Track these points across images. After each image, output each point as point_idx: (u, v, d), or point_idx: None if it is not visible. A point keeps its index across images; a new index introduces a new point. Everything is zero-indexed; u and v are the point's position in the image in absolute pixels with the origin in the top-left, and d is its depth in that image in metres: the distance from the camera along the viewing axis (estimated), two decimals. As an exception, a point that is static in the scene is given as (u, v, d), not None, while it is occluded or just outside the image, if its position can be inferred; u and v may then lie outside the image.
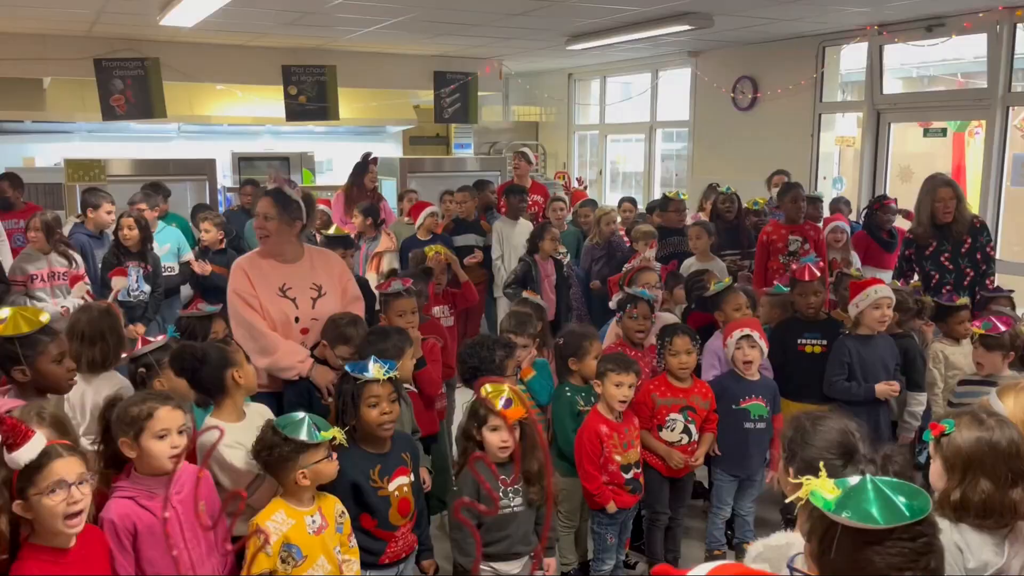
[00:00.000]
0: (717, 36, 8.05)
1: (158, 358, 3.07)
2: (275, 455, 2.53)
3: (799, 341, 4.36)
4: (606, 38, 7.79)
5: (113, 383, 3.21)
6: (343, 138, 11.85)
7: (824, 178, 8.32)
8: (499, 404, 2.88)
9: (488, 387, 2.97)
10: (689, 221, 6.61)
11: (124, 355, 3.34)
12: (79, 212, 6.22)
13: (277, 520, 2.51)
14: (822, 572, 1.54)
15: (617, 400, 3.47)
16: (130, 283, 5.25)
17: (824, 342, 4.27)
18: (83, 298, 4.86)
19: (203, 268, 5.69)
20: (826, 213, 6.84)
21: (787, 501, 1.77)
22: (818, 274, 4.38)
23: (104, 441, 2.51)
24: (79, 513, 2.11)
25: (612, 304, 4.73)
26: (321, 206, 6.57)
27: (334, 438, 2.61)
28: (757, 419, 3.92)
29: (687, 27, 6.91)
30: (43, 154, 10.07)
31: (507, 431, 2.92)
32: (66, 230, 6.03)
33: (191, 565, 2.46)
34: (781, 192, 6.07)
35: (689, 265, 5.77)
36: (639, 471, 3.61)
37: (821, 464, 1.69)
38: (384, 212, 6.90)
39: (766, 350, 3.97)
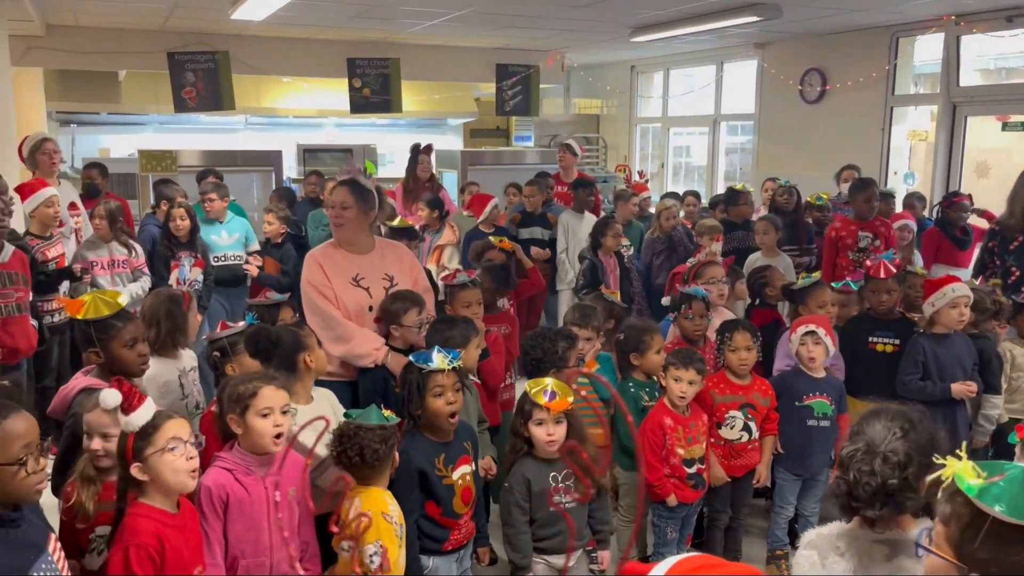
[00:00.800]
0: (785, 27, 7.88)
1: (232, 343, 3.14)
2: (388, 446, 2.57)
3: (871, 339, 4.25)
4: (671, 30, 7.69)
5: (165, 368, 3.29)
6: (405, 130, 11.97)
7: (895, 173, 8.09)
8: (543, 398, 2.89)
9: (529, 383, 2.98)
10: (754, 216, 6.51)
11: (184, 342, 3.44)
12: (153, 204, 6.40)
13: (394, 503, 2.58)
14: (960, 558, 1.48)
15: (676, 395, 3.44)
16: (183, 274, 5.38)
17: (897, 341, 4.16)
18: (170, 284, 5.00)
19: (252, 269, 5.80)
20: (898, 209, 6.66)
21: (926, 483, 1.70)
22: (894, 271, 4.28)
23: (223, 413, 2.59)
24: (195, 469, 2.23)
25: (666, 300, 4.70)
26: (388, 199, 6.68)
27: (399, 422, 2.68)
28: (821, 417, 3.84)
29: (755, 18, 6.79)
30: (118, 145, 10.41)
31: (552, 424, 2.92)
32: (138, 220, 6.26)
33: (270, 547, 2.52)
34: (853, 188, 5.92)
35: (754, 260, 5.68)
36: (703, 467, 3.57)
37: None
38: (446, 203, 6.93)
39: (832, 348, 3.88)
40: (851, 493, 1.91)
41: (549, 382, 2.93)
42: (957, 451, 1.61)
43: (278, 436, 2.49)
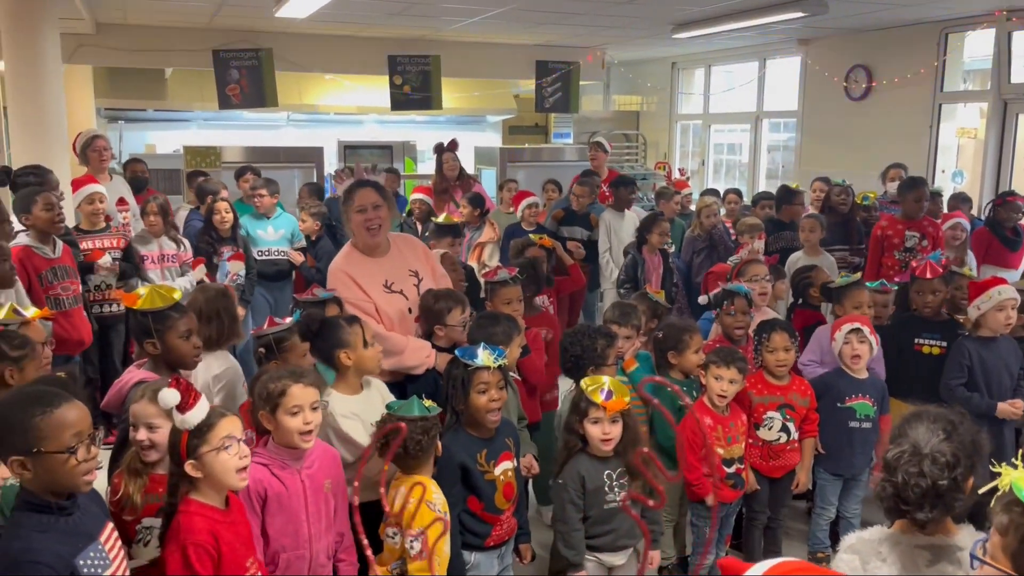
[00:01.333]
0: (830, 23, 7.77)
1: (278, 339, 3.18)
2: (430, 438, 2.60)
3: (916, 341, 4.18)
4: (713, 26, 7.62)
5: (223, 362, 3.35)
6: (444, 127, 12.03)
7: (943, 172, 7.93)
8: (599, 396, 2.89)
9: (587, 380, 2.98)
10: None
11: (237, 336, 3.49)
12: (194, 199, 6.50)
13: (439, 492, 2.60)
14: (1017, 570, 1.46)
15: (715, 394, 3.42)
16: (224, 269, 5.47)
17: (943, 343, 4.08)
18: (202, 280, 5.09)
19: (296, 256, 5.88)
20: (945, 209, 6.53)
21: (981, 492, 1.68)
22: (940, 271, 4.20)
23: (255, 409, 2.62)
24: (247, 467, 2.26)
25: (702, 299, 4.66)
26: (421, 195, 6.71)
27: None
28: (863, 419, 3.78)
29: (800, 14, 6.70)
30: (163, 141, 10.61)
31: (608, 423, 2.91)
32: (181, 215, 6.36)
33: (309, 538, 2.55)
34: (903, 187, 5.81)
35: (795, 260, 5.61)
36: (742, 467, 3.54)
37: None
38: (486, 201, 6.94)
39: (876, 347, 3.83)
40: (899, 496, 1.89)
41: (606, 380, 2.93)
42: (1014, 459, 1.58)
43: (308, 433, 2.51)
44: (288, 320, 3.24)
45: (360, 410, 2.91)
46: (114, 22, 8.17)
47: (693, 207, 7.04)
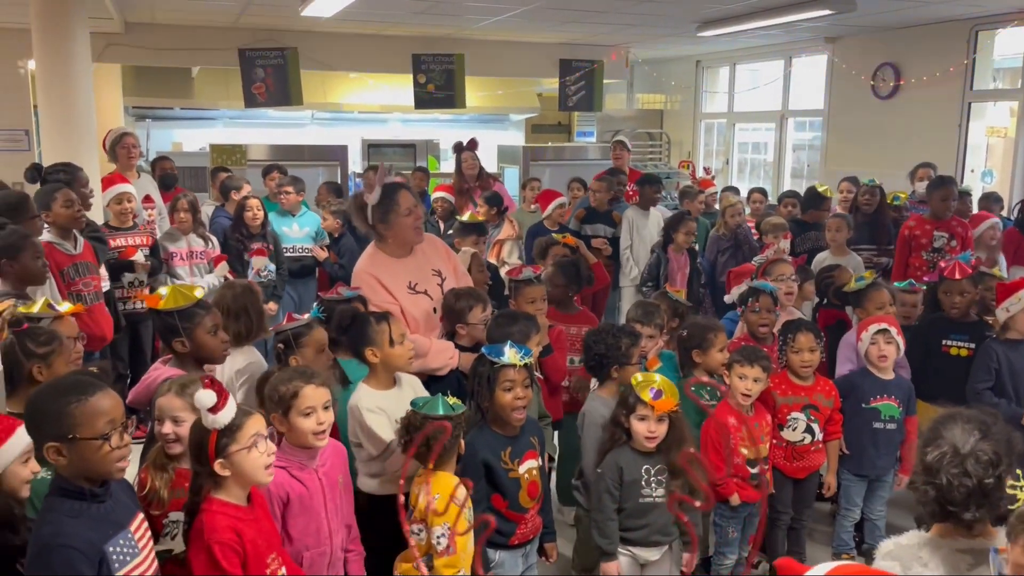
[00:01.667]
0: (857, 21, 7.69)
1: (297, 334, 3.20)
2: (454, 436, 2.61)
3: (944, 342, 4.14)
4: (739, 24, 7.57)
5: (247, 357, 3.39)
6: (467, 126, 12.04)
7: (972, 171, 7.83)
8: (648, 395, 2.89)
9: (639, 376, 2.98)
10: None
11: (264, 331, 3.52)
12: (218, 196, 6.56)
13: (461, 490, 2.59)
14: None
15: (739, 392, 3.40)
16: (253, 266, 5.52)
17: (971, 345, 4.03)
18: (225, 277, 5.14)
19: (320, 253, 5.91)
20: (974, 208, 6.44)
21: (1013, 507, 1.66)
22: (969, 272, 4.14)
23: (266, 412, 2.63)
24: (272, 463, 2.29)
25: (728, 298, 4.64)
26: (443, 193, 6.73)
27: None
28: (888, 420, 3.75)
29: (827, 11, 6.63)
30: (189, 139, 10.71)
31: (654, 422, 2.93)
32: (206, 212, 6.42)
33: (329, 534, 2.59)
34: (931, 186, 5.75)
35: (822, 259, 5.57)
36: (766, 467, 3.52)
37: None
38: (504, 199, 6.94)
39: (903, 348, 3.79)
40: (944, 498, 1.87)
41: (658, 379, 2.93)
42: None
43: (321, 433, 2.53)
44: (306, 316, 3.27)
45: (387, 405, 2.93)
46: (142, 21, 8.26)
47: (718, 206, 7.00)
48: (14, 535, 2.10)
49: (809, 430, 3.66)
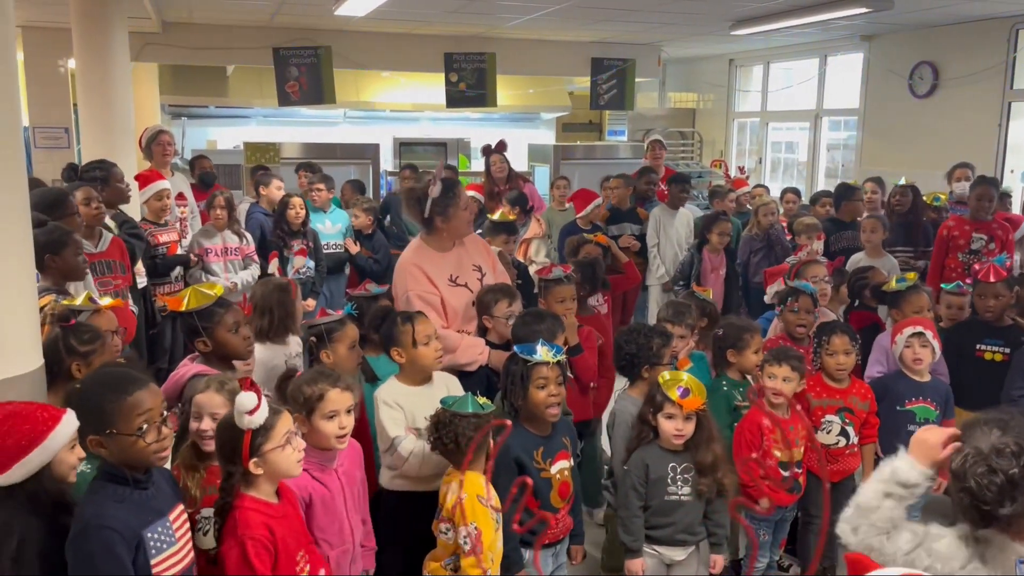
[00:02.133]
0: (894, 19, 7.58)
1: (329, 330, 3.23)
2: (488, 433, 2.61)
3: (978, 347, 4.07)
4: (774, 22, 7.49)
5: (274, 353, 3.42)
6: (498, 124, 12.04)
7: (1011, 171, 7.68)
8: (676, 393, 2.88)
9: (666, 375, 2.97)
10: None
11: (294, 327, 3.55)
12: (253, 192, 6.64)
13: (487, 488, 2.61)
14: None
15: (770, 392, 3.36)
16: (291, 264, 5.57)
17: (1007, 350, 3.96)
18: (272, 273, 5.19)
19: (353, 247, 5.96)
20: (1016, 209, 6.32)
21: None
22: (1004, 275, 4.06)
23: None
24: (302, 458, 2.33)
25: (768, 297, 4.60)
26: (473, 192, 6.73)
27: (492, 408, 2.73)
28: (923, 423, 3.68)
29: (864, 10, 6.54)
30: (224, 137, 10.83)
31: (682, 420, 2.93)
32: (242, 208, 6.49)
33: (351, 531, 2.61)
34: (974, 186, 5.65)
35: (857, 260, 5.50)
36: (799, 471, 3.48)
37: None
38: (533, 198, 6.93)
39: (939, 351, 3.73)
40: (977, 500, 1.84)
41: (685, 377, 2.93)
42: None
43: (343, 436, 2.54)
44: (339, 312, 3.30)
45: (409, 402, 2.95)
46: (179, 21, 8.37)
47: (750, 206, 6.94)
48: (69, 516, 2.16)
49: (844, 433, 3.61)
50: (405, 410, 2.93)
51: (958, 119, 7.91)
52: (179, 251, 5.27)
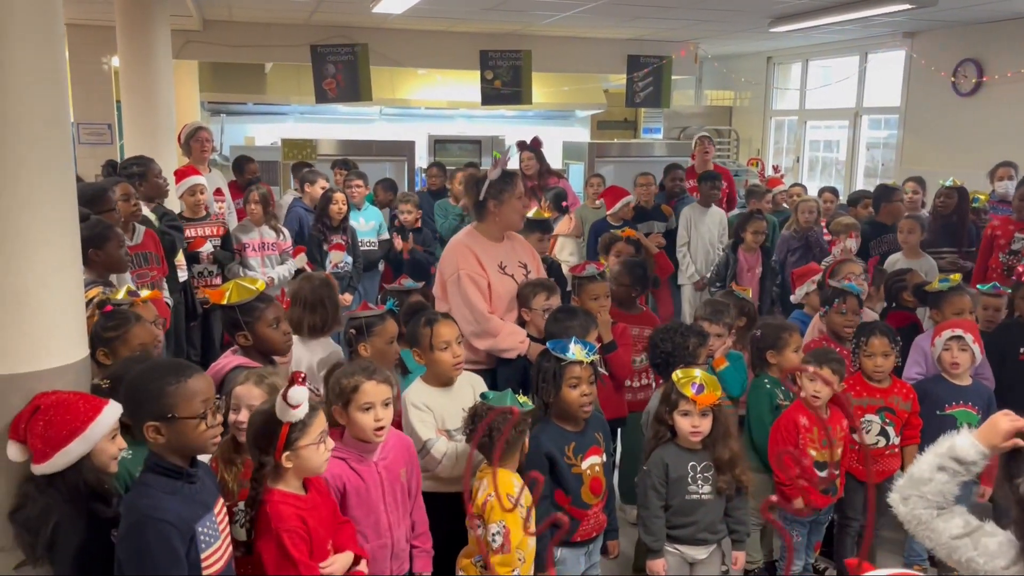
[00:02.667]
0: (938, 15, 7.43)
1: (369, 323, 3.25)
2: (517, 431, 2.62)
3: (1021, 350, 3.98)
4: (814, 19, 7.39)
5: (327, 347, 3.47)
6: (532, 122, 12.04)
7: (1057, 171, 7.49)
8: (690, 390, 2.87)
9: (679, 372, 2.96)
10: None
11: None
12: (298, 188, 6.70)
13: (517, 486, 2.63)
14: None
15: (810, 394, 3.33)
16: (329, 259, 5.62)
17: (1051, 353, 3.87)
18: (304, 268, 5.24)
19: (403, 245, 5.99)
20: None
21: None
22: (1046, 277, 3.98)
23: (328, 403, 2.68)
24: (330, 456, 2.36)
25: (796, 297, 4.54)
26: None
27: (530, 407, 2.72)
28: (965, 427, 3.61)
29: (907, 6, 6.43)
30: (261, 134, 10.96)
31: (698, 416, 2.91)
32: (284, 200, 6.57)
33: (389, 527, 2.60)
34: (1019, 185, 5.54)
35: (894, 261, 5.41)
36: (836, 472, 3.44)
37: None
38: (567, 195, 6.91)
39: (980, 356, 3.66)
40: None
41: (698, 374, 2.92)
42: None
43: (379, 429, 2.53)
44: (379, 308, 3.33)
45: (435, 403, 2.96)
46: (219, 19, 8.48)
47: (787, 205, 6.86)
48: (106, 507, 2.20)
49: (884, 433, 3.57)
50: (434, 412, 2.95)
51: (1002, 117, 7.74)
52: (207, 246, 5.30)
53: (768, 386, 3.61)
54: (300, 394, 2.19)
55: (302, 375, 2.23)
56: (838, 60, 10.20)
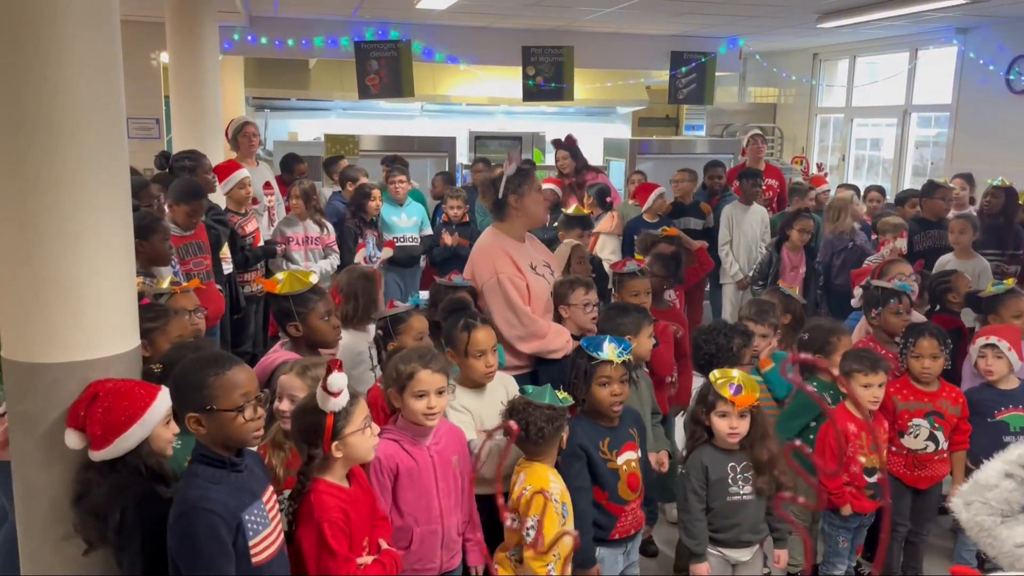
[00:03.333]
0: (992, 11, 7.25)
1: (396, 320, 3.25)
2: (554, 427, 2.62)
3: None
4: (864, 15, 7.25)
5: (358, 339, 3.48)
6: (573, 118, 11.99)
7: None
8: (728, 391, 2.83)
9: (716, 373, 2.93)
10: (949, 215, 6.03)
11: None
12: (337, 182, 6.76)
13: (555, 482, 2.62)
14: None
15: (867, 401, 3.26)
16: (369, 251, 5.65)
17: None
18: (357, 262, 5.29)
19: (452, 240, 6.01)
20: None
21: None
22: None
23: (386, 386, 2.72)
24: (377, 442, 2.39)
25: (855, 301, 4.45)
26: (551, 185, 6.72)
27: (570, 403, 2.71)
28: (1018, 431, 3.52)
29: (961, 1, 6.27)
30: (304, 129, 11.07)
31: (736, 418, 2.88)
32: (323, 192, 6.63)
33: (440, 513, 2.62)
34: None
35: (945, 262, 5.29)
36: (884, 476, 3.37)
37: None
38: (611, 192, 6.87)
39: (1018, 363, 3.56)
40: None
41: (736, 374, 2.88)
42: None
43: (432, 415, 2.57)
44: (405, 305, 3.33)
45: (474, 405, 2.96)
46: (265, 15, 8.57)
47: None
48: (167, 487, 2.25)
49: (932, 438, 3.49)
50: (472, 413, 2.95)
51: (1058, 116, 7.54)
52: (261, 240, 5.40)
53: (816, 389, 3.54)
54: (339, 381, 2.22)
55: (338, 362, 2.25)
56: (885, 57, 10.00)
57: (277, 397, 2.63)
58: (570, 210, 5.56)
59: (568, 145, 6.94)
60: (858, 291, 4.17)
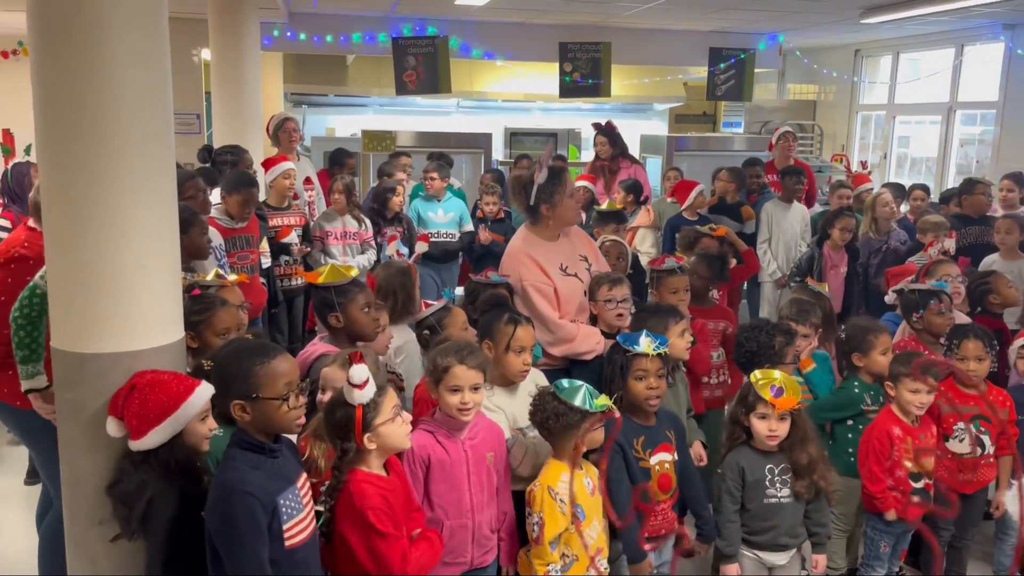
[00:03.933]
0: (1042, 5, 7.08)
1: (439, 319, 3.27)
2: (561, 423, 2.58)
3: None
4: (908, 10, 7.11)
5: (402, 335, 3.50)
6: (609, 115, 11.89)
7: None
8: (768, 392, 2.80)
9: (758, 374, 2.89)
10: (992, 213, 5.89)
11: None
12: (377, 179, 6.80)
13: (564, 480, 2.59)
14: None
15: (915, 406, 3.20)
16: (399, 247, 5.66)
17: None
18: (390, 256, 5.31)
19: (487, 236, 6.02)
20: None
21: None
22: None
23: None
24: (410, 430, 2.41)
25: (889, 299, 4.39)
26: (585, 182, 6.70)
27: (608, 408, 2.64)
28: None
29: (1010, -5, 6.14)
30: (342, 125, 11.15)
31: (775, 420, 2.84)
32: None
33: (471, 508, 2.61)
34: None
35: (990, 262, 5.18)
36: (930, 482, 3.30)
37: None
38: (644, 187, 6.83)
39: None
40: None
41: (778, 376, 2.85)
42: None
43: (466, 411, 2.57)
44: (439, 302, 3.35)
45: (507, 404, 2.95)
46: (305, 11, 8.64)
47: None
48: (195, 485, 2.28)
49: (979, 443, 3.42)
50: (505, 411, 2.94)
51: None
52: (292, 236, 5.41)
53: (857, 390, 3.48)
54: (360, 372, 2.24)
55: (359, 354, 2.28)
56: (928, 53, 9.81)
57: (320, 389, 2.67)
58: (603, 206, 5.54)
59: (608, 130, 6.96)
60: (891, 294, 4.10)
